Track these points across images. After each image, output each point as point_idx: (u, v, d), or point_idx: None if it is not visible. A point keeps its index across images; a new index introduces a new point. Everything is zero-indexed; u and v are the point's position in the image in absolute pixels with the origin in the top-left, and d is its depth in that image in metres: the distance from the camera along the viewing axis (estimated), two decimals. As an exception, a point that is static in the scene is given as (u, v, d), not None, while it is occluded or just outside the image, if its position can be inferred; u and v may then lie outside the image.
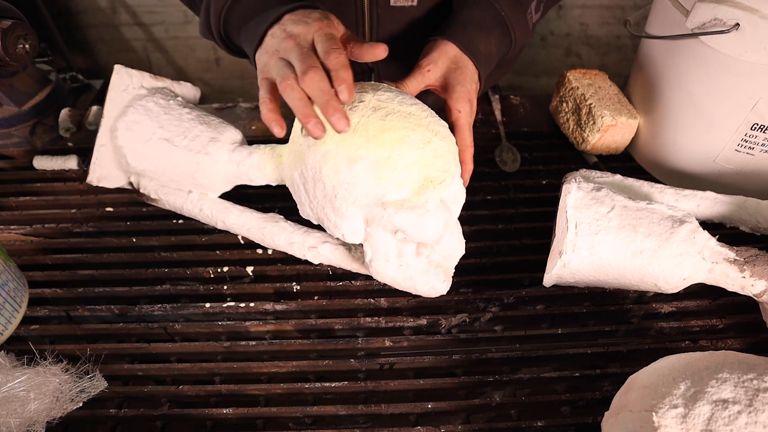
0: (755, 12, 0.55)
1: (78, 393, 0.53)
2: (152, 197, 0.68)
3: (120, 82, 0.65)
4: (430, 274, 0.54)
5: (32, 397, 0.50)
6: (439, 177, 0.51)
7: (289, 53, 0.50)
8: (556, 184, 0.74)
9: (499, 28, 0.64)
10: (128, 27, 1.99)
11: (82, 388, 0.53)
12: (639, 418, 0.42)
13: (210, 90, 2.18)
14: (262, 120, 0.51)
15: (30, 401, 0.49)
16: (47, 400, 0.50)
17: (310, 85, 0.47)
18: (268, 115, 0.51)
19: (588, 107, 0.73)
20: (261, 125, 0.84)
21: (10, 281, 0.58)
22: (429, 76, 0.60)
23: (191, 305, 0.62)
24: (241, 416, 0.55)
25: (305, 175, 0.53)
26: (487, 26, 0.63)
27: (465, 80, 0.59)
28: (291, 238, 0.61)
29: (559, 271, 0.56)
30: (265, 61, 0.54)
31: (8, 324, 0.58)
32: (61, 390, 0.52)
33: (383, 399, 0.58)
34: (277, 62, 0.51)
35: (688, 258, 0.53)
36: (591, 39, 2.00)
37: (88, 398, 0.53)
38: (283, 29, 0.53)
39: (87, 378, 0.54)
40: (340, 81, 0.47)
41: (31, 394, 0.50)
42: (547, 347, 0.59)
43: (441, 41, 0.61)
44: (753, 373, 0.42)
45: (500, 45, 0.65)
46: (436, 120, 0.53)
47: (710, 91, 0.63)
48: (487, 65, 0.63)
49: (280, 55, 0.52)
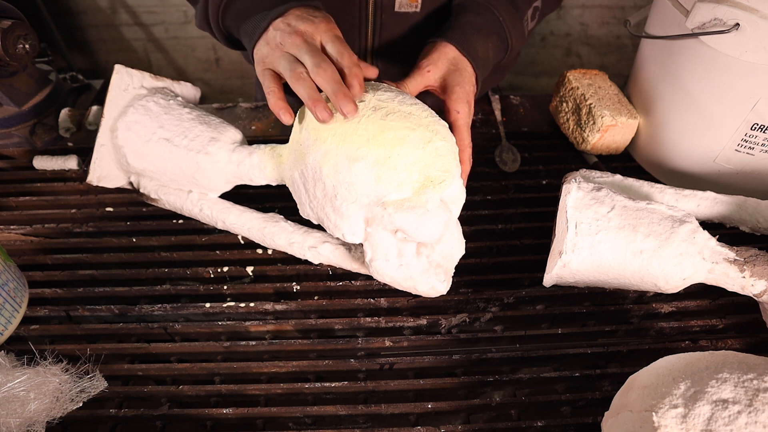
0: (755, 12, 0.55)
1: (78, 393, 0.53)
2: (152, 197, 0.68)
3: (120, 81, 0.65)
4: (430, 273, 0.54)
5: (32, 397, 0.50)
6: (439, 177, 0.51)
7: (298, 49, 0.52)
8: (556, 184, 0.74)
9: (497, 33, 0.65)
10: (128, 27, 1.99)
11: (82, 388, 0.53)
12: (639, 418, 0.42)
13: (210, 90, 2.18)
14: (270, 108, 0.53)
15: (30, 401, 0.49)
16: (47, 400, 0.50)
17: (323, 76, 0.49)
18: (277, 103, 0.53)
19: (588, 107, 0.73)
20: (261, 125, 0.84)
21: (10, 281, 0.58)
22: (429, 77, 0.60)
23: (191, 305, 0.62)
24: (241, 416, 0.55)
25: (305, 175, 0.53)
26: (485, 31, 0.64)
27: (464, 82, 0.59)
28: (291, 237, 0.61)
29: (559, 271, 0.56)
30: (265, 52, 0.54)
31: (8, 324, 0.58)
32: (61, 390, 0.52)
33: (383, 399, 0.58)
34: (283, 55, 0.52)
35: (688, 258, 0.53)
36: (591, 39, 2.00)
37: (88, 398, 0.53)
38: (288, 23, 0.54)
39: (87, 378, 0.54)
40: (353, 77, 0.51)
41: (31, 394, 0.50)
42: (547, 347, 0.59)
43: (440, 43, 0.61)
44: (753, 373, 0.42)
45: (497, 50, 0.66)
46: (436, 120, 0.53)
47: (710, 91, 0.63)
48: (485, 68, 0.64)
49: (285, 49, 0.53)
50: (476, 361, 0.58)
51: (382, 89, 0.53)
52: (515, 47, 0.68)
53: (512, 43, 0.67)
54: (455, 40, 0.61)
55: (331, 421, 0.56)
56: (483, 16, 0.65)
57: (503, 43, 0.66)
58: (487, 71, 0.65)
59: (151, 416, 0.55)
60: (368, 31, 0.74)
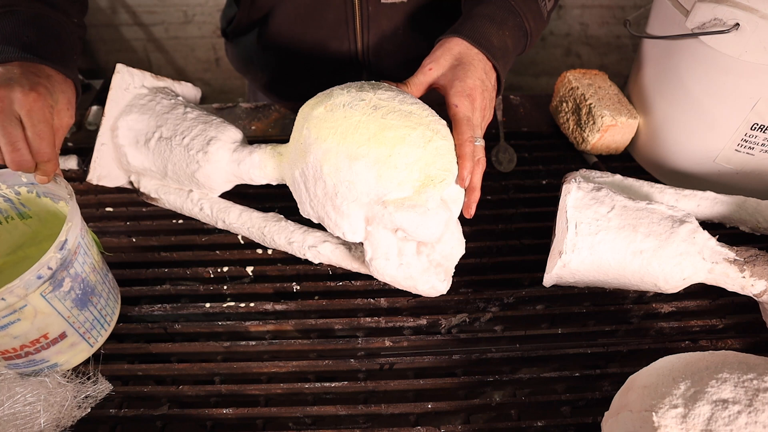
0: (755, 12, 0.55)
1: (84, 399, 0.53)
2: (152, 196, 0.68)
3: (121, 81, 0.65)
4: (431, 273, 0.54)
5: (40, 410, 0.50)
6: (439, 176, 0.51)
7: None
8: (556, 184, 0.74)
9: (512, 20, 0.63)
10: (128, 27, 1.99)
11: (88, 394, 0.53)
12: (639, 418, 0.42)
13: (210, 90, 2.18)
14: None
15: (39, 415, 0.49)
16: (55, 410, 0.50)
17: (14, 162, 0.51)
18: None
19: (588, 107, 0.73)
20: (261, 125, 0.84)
21: (109, 272, 0.60)
22: (431, 75, 0.59)
23: (191, 305, 0.62)
24: (241, 416, 0.55)
25: (306, 174, 0.53)
26: (498, 18, 0.62)
27: (465, 76, 0.58)
28: (291, 237, 0.61)
29: (559, 271, 0.56)
30: None
31: (113, 315, 0.59)
32: (67, 398, 0.52)
33: (383, 399, 0.58)
34: None
35: (688, 258, 0.53)
36: (591, 39, 2.00)
37: (95, 403, 0.53)
38: None
39: (90, 383, 0.54)
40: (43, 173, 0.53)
41: (38, 406, 0.50)
42: (547, 347, 0.59)
43: (448, 39, 0.60)
44: (753, 373, 0.42)
45: (515, 36, 0.64)
46: (436, 119, 0.53)
47: (710, 91, 0.63)
48: (505, 58, 0.62)
49: None
50: (476, 361, 0.58)
51: (382, 88, 0.53)
52: (534, 30, 0.65)
53: (530, 27, 0.64)
54: (464, 33, 0.60)
55: (331, 421, 0.56)
56: (494, 3, 0.63)
57: (520, 29, 0.64)
58: (508, 60, 0.63)
59: (151, 416, 0.55)
60: (356, 24, 0.74)
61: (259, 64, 0.90)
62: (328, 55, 0.81)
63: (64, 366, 0.55)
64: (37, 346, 0.51)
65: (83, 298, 0.53)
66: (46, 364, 0.54)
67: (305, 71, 0.86)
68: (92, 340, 0.56)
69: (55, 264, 0.49)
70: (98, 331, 0.57)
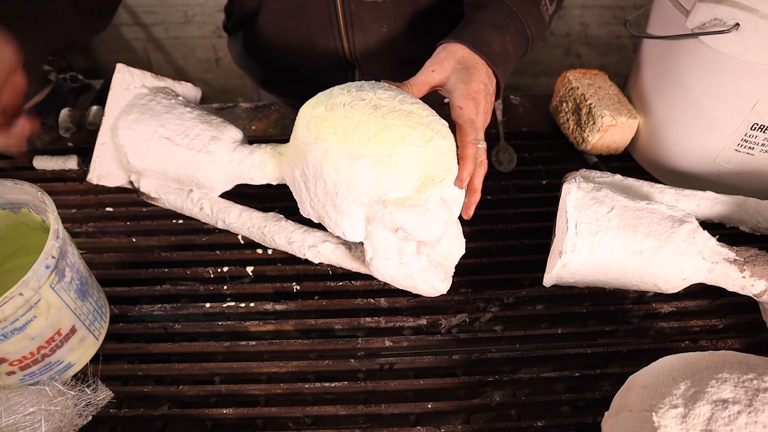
0: (755, 12, 0.55)
1: (84, 407, 0.52)
2: (152, 196, 0.68)
3: (122, 80, 0.65)
4: (431, 272, 0.54)
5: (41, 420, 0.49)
6: (439, 175, 0.51)
7: None
8: (556, 184, 0.74)
9: (513, 26, 0.63)
10: (128, 27, 1.99)
11: (89, 401, 0.53)
12: (639, 418, 0.42)
13: (210, 90, 2.18)
14: None
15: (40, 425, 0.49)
16: (56, 419, 0.50)
17: None
18: None
19: (588, 107, 0.73)
20: (261, 125, 0.84)
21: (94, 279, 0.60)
22: (433, 77, 0.59)
23: (191, 305, 0.62)
24: (241, 416, 0.55)
25: (306, 173, 0.53)
26: (499, 24, 0.62)
27: (470, 79, 0.58)
28: (291, 236, 0.61)
29: (559, 271, 0.56)
30: None
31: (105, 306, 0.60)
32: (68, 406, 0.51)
33: (383, 399, 0.58)
34: None
35: (688, 258, 0.53)
36: (591, 39, 2.00)
37: (96, 411, 0.53)
38: None
39: (90, 390, 0.53)
40: None
41: (39, 416, 0.49)
42: (547, 347, 0.59)
43: (450, 44, 0.60)
44: (753, 373, 0.42)
45: (516, 42, 0.64)
46: (437, 119, 0.53)
47: (710, 91, 0.63)
48: (505, 64, 0.62)
49: None
50: (476, 361, 0.58)
51: (382, 88, 0.53)
52: (535, 35, 0.65)
53: (531, 31, 0.64)
54: (465, 39, 0.60)
55: (331, 421, 0.56)
56: (495, 9, 0.63)
57: (521, 34, 0.64)
58: (508, 66, 0.63)
59: (151, 416, 0.55)
60: (340, 22, 0.74)
61: (254, 60, 0.90)
62: (317, 53, 0.82)
63: (76, 366, 0.56)
64: (52, 345, 0.52)
65: (82, 288, 0.54)
66: (60, 365, 0.54)
67: (296, 68, 0.86)
68: (96, 333, 0.57)
69: (57, 252, 0.50)
70: (99, 322, 0.57)
